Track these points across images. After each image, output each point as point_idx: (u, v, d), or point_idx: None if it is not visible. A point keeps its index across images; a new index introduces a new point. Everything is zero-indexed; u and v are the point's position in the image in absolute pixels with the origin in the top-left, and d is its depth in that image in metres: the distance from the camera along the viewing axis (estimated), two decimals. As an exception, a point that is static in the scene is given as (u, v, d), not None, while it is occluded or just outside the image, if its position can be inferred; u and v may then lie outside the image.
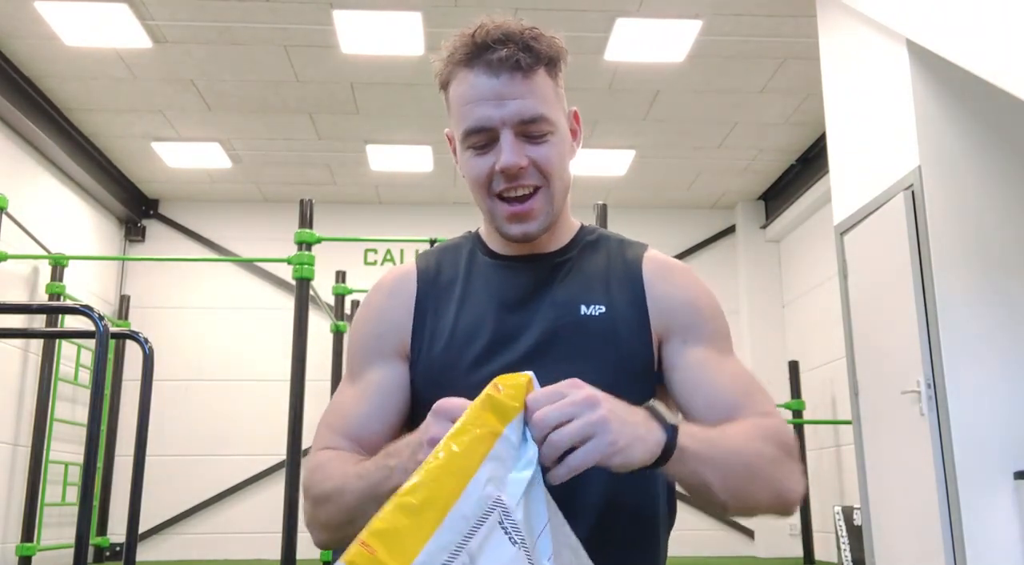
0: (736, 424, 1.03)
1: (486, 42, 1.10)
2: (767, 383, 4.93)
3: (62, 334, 5.30)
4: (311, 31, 5.30)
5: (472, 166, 1.13)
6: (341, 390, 1.20)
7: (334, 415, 1.18)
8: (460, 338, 1.15)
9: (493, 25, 1.11)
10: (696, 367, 1.13)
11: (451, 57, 1.13)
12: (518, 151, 1.09)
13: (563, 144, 1.14)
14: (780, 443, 1.04)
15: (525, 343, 1.13)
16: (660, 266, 1.20)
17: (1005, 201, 3.78)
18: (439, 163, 7.26)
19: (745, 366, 1.18)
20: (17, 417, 6.17)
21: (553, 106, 1.13)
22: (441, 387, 1.12)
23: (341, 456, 1.10)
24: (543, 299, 1.16)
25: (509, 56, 1.08)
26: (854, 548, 5.47)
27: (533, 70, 1.10)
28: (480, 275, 1.20)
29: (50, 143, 6.23)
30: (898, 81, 3.97)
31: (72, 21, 5.16)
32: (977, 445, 3.55)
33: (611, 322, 1.14)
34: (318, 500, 1.07)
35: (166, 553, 7.29)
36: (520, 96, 1.09)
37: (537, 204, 1.13)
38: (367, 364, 1.18)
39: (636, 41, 5.39)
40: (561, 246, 1.21)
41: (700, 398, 1.11)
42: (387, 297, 1.22)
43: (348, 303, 7.04)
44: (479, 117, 1.09)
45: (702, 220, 8.31)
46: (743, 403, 1.10)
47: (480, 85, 1.10)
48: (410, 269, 1.24)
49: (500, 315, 1.15)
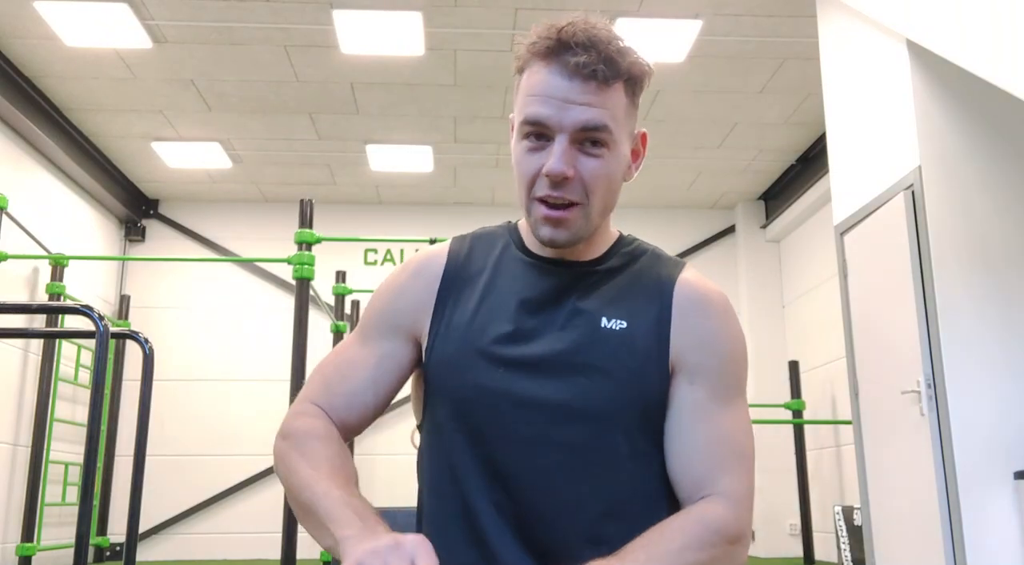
0: (674, 533, 1.01)
1: (569, 42, 1.07)
2: (767, 383, 4.90)
3: (62, 334, 5.30)
4: (311, 31, 5.30)
5: (522, 161, 1.12)
6: (348, 344, 1.21)
7: (335, 371, 1.18)
8: (477, 330, 1.14)
9: (583, 26, 1.09)
10: (688, 413, 1.12)
11: (533, 46, 1.10)
12: (568, 160, 1.08)
13: (616, 163, 1.12)
14: (718, 542, 1.03)
15: (540, 346, 1.12)
16: (694, 293, 1.17)
17: (1005, 201, 3.78)
18: (439, 163, 7.26)
19: (743, 421, 1.15)
20: (17, 417, 6.18)
21: (619, 122, 1.10)
22: (454, 377, 1.14)
23: (325, 439, 1.10)
24: (565, 306, 1.15)
25: (587, 63, 1.06)
26: (854, 548, 5.47)
27: (609, 83, 1.08)
28: (508, 270, 1.19)
29: (50, 143, 6.23)
30: (898, 81, 3.97)
31: (72, 21, 5.15)
32: (977, 445, 3.55)
33: (630, 339, 1.12)
34: (285, 473, 1.08)
35: (166, 553, 7.29)
36: (587, 103, 1.07)
37: (572, 216, 1.11)
38: (380, 332, 1.19)
39: (636, 41, 5.33)
40: (595, 256, 1.19)
41: (676, 458, 1.11)
42: (412, 276, 1.21)
43: (348, 303, 7.05)
44: (539, 113, 1.08)
45: (702, 220, 8.32)
46: (711, 478, 1.09)
47: (551, 83, 1.08)
48: (441, 252, 1.23)
49: (520, 314, 1.14)
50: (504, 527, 1.10)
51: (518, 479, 1.10)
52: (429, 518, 1.16)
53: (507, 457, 1.10)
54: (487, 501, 1.10)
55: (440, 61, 5.62)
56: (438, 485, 1.15)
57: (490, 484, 1.11)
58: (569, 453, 1.09)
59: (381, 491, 6.35)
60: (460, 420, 1.13)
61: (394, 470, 6.52)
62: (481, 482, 1.11)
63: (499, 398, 1.11)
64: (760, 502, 7.35)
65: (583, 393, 1.10)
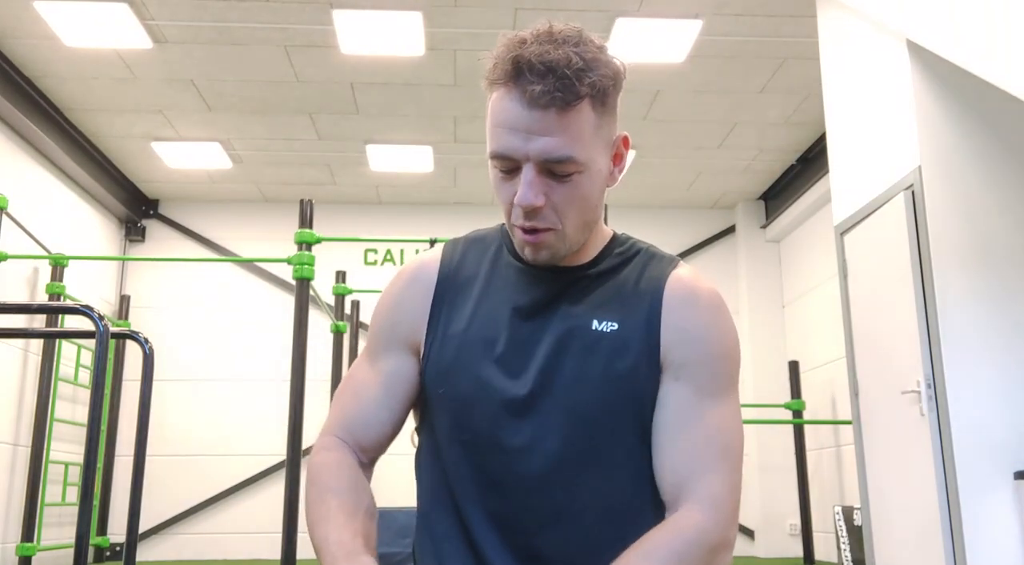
0: (654, 550, 1.01)
1: (524, 70, 1.02)
2: (767, 383, 4.89)
3: (62, 334, 5.30)
4: (311, 31, 5.30)
5: (497, 189, 1.11)
6: (359, 365, 1.22)
7: (351, 395, 1.20)
8: (473, 339, 1.14)
9: (538, 49, 1.03)
10: (672, 411, 1.11)
11: (494, 69, 1.06)
12: (537, 189, 1.06)
13: (590, 181, 1.09)
14: (699, 554, 1.02)
15: (536, 352, 1.12)
16: (683, 289, 1.16)
17: (1005, 201, 3.77)
18: (439, 163, 7.26)
19: (730, 418, 1.12)
20: (17, 417, 6.17)
21: (587, 144, 1.06)
22: (449, 385, 1.14)
23: (337, 479, 1.11)
24: (557, 310, 1.14)
25: (545, 92, 1.01)
26: (854, 548, 5.47)
27: (571, 106, 1.03)
28: (501, 276, 1.19)
29: (50, 143, 6.23)
30: (898, 81, 3.97)
31: (72, 21, 5.15)
32: (977, 445, 3.55)
33: (622, 341, 1.12)
34: (309, 515, 1.09)
35: (166, 553, 7.29)
36: (550, 134, 1.03)
37: (548, 239, 1.10)
38: (384, 350, 1.20)
39: (636, 41, 5.39)
40: (587, 260, 1.18)
41: (658, 457, 1.10)
42: (406, 286, 1.21)
43: (348, 303, 7.04)
44: (504, 145, 1.05)
45: (702, 220, 8.32)
46: (692, 479, 1.07)
47: (512, 112, 1.04)
48: (434, 259, 1.22)
49: (513, 322, 1.14)
50: (497, 536, 1.10)
51: (511, 487, 1.10)
52: (424, 523, 1.17)
53: (500, 466, 1.10)
54: (480, 508, 1.11)
55: (440, 61, 5.62)
56: (434, 490, 1.16)
57: (484, 491, 1.11)
58: (562, 460, 1.09)
59: (381, 491, 6.34)
60: (455, 428, 1.13)
61: (394, 470, 6.49)
62: (475, 489, 1.11)
63: (493, 407, 1.11)
64: (760, 502, 7.36)
65: (575, 399, 1.10)
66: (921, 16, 3.69)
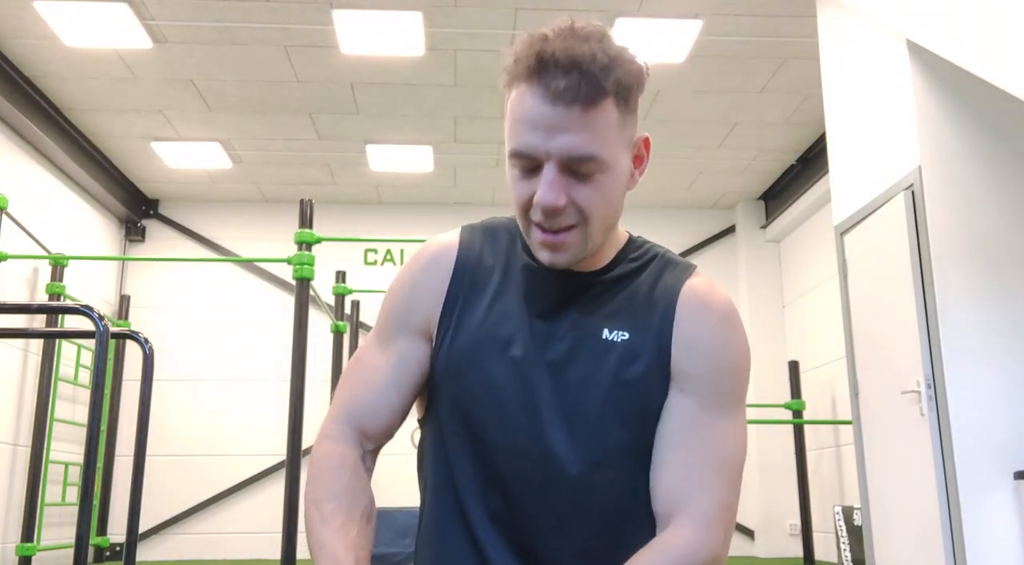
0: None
1: (549, 64, 0.99)
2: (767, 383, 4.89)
3: (62, 334, 5.30)
4: (311, 31, 5.30)
5: (515, 188, 1.08)
6: (368, 348, 1.19)
7: (358, 378, 1.16)
8: (486, 335, 1.13)
9: (563, 43, 1.00)
10: (673, 423, 1.09)
11: (515, 64, 1.03)
12: (558, 189, 1.02)
13: (613, 181, 1.06)
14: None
15: (546, 356, 1.11)
16: (697, 300, 1.13)
17: (1005, 201, 3.77)
18: (439, 163, 7.26)
19: (733, 434, 1.11)
20: (17, 417, 6.18)
21: (610, 142, 1.03)
22: (458, 378, 1.13)
23: (337, 479, 1.09)
24: (567, 316, 1.13)
25: (570, 87, 0.99)
26: (854, 548, 5.47)
27: (595, 103, 1.00)
28: (516, 275, 1.16)
29: (50, 143, 6.23)
30: (898, 81, 3.97)
31: (72, 21, 5.15)
32: (977, 445, 3.55)
33: (632, 351, 1.10)
34: (307, 515, 1.08)
35: (166, 553, 7.29)
36: (573, 131, 1.00)
37: (571, 239, 1.06)
38: (396, 332, 1.17)
39: (636, 41, 5.37)
40: (601, 265, 1.15)
41: (655, 468, 1.09)
42: (423, 270, 1.18)
43: (348, 303, 7.04)
44: (525, 143, 1.02)
45: (702, 220, 8.32)
46: (685, 495, 1.06)
47: (534, 109, 1.01)
48: (452, 244, 1.19)
49: (525, 323, 1.13)
50: (498, 535, 1.09)
51: (513, 488, 1.10)
52: (428, 520, 1.16)
53: (504, 466, 1.10)
54: (483, 507, 1.10)
55: (440, 61, 5.62)
56: (437, 486, 1.15)
57: (487, 490, 1.10)
58: (566, 465, 1.08)
59: (381, 491, 6.33)
60: (461, 423, 1.12)
61: (394, 470, 6.50)
62: (478, 487, 1.11)
63: (500, 406, 1.10)
64: (760, 502, 7.36)
65: (583, 404, 1.09)
66: (921, 16, 3.69)
